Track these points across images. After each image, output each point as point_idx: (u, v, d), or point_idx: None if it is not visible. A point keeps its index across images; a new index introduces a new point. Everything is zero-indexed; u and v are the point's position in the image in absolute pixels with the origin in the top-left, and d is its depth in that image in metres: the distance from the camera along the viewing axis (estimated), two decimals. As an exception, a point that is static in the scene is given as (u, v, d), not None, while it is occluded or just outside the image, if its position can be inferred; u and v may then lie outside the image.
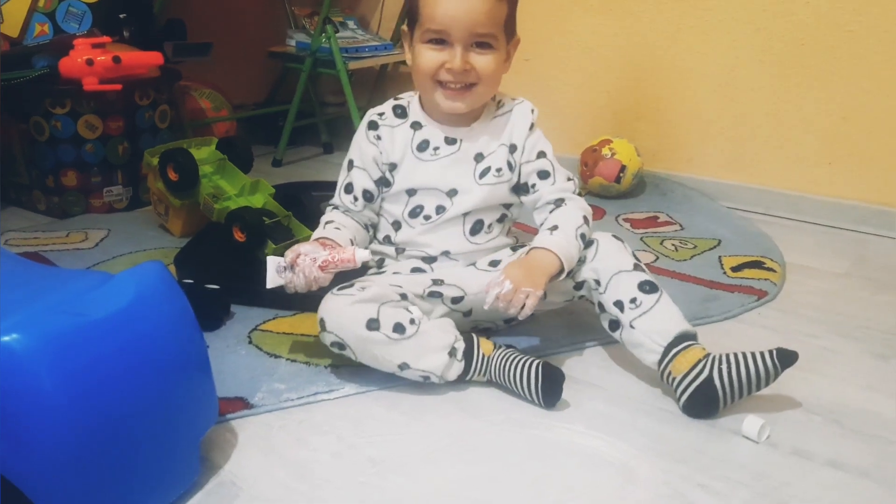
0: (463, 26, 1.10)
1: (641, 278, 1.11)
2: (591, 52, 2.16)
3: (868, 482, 0.94)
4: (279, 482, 0.92)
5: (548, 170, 1.20)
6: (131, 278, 0.82)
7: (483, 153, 1.20)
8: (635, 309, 1.09)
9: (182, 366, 0.85)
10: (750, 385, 1.02)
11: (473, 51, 1.12)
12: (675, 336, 1.06)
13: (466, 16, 1.10)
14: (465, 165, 1.20)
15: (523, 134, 1.20)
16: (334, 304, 1.09)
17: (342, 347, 1.09)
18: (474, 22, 1.10)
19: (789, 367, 1.01)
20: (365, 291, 1.08)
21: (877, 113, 1.78)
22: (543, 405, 1.06)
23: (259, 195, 1.64)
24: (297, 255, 1.09)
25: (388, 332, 1.06)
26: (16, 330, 0.71)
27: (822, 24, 1.80)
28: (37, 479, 0.72)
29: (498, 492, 0.91)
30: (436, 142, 1.20)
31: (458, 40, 1.11)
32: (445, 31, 1.11)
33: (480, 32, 1.11)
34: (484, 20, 1.11)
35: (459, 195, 1.19)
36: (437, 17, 1.10)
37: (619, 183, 1.97)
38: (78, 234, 1.73)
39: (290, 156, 2.41)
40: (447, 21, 1.10)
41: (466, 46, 1.12)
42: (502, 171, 1.20)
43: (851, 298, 1.45)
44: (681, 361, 1.05)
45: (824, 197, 1.88)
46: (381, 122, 1.21)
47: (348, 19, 2.48)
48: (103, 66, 1.74)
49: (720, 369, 1.02)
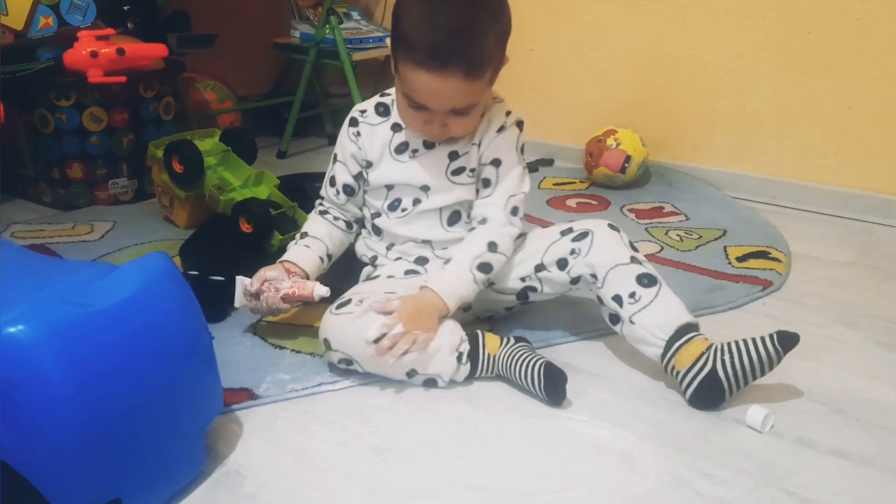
0: (441, 105, 1.08)
1: (639, 271, 1.10)
2: (595, 42, 2.16)
3: (871, 471, 0.94)
4: (284, 472, 0.93)
5: (490, 178, 1.17)
6: (136, 269, 0.82)
7: (458, 151, 1.17)
8: (635, 304, 1.08)
9: (186, 356, 0.86)
10: (754, 371, 1.02)
11: (453, 116, 1.10)
12: (676, 329, 1.06)
13: (447, 99, 1.07)
14: (439, 163, 1.17)
15: (490, 136, 1.16)
16: (336, 324, 1.09)
17: (349, 363, 1.09)
18: (453, 102, 1.08)
19: (792, 350, 1.01)
20: (364, 307, 1.08)
21: (882, 101, 1.77)
22: (549, 404, 1.06)
23: (264, 186, 1.64)
24: (263, 282, 1.16)
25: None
26: (21, 321, 0.71)
27: (827, 13, 1.79)
28: (43, 468, 0.73)
29: (502, 481, 0.92)
30: (414, 145, 1.18)
31: (436, 110, 1.09)
32: (424, 104, 1.08)
33: (460, 108, 1.09)
34: (462, 99, 1.08)
35: (432, 191, 1.18)
36: (415, 92, 1.07)
37: (624, 173, 1.97)
38: (83, 226, 1.74)
39: (295, 147, 2.41)
40: (425, 99, 1.08)
41: (446, 114, 1.09)
42: (476, 170, 1.18)
43: (857, 288, 1.45)
44: (683, 355, 1.05)
45: (830, 186, 1.87)
46: (361, 120, 1.20)
47: (352, 10, 2.48)
48: (107, 59, 1.74)
49: (723, 360, 1.02)
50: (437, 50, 1.02)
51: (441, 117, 1.09)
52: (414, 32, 1.04)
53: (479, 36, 1.04)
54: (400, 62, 1.07)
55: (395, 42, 1.08)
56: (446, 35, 1.02)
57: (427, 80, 1.04)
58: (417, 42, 1.03)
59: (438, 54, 1.02)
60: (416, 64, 1.04)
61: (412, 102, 1.09)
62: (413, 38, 1.04)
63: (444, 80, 1.03)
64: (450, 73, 1.03)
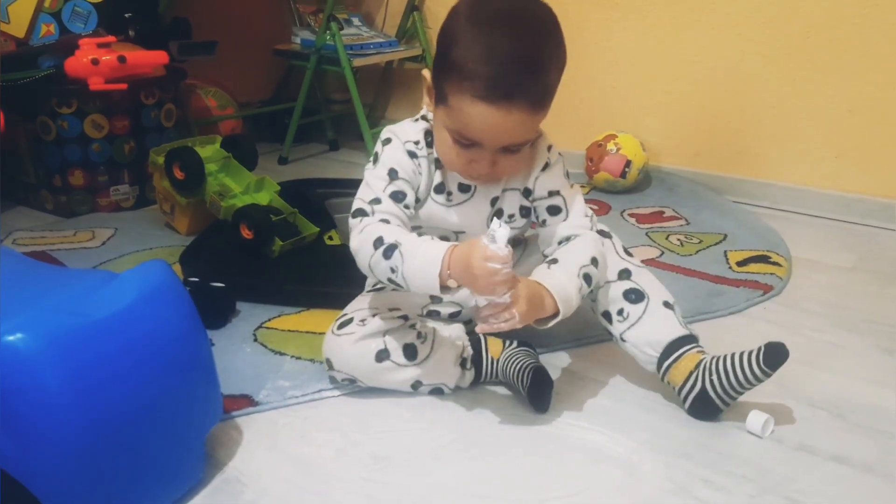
0: (497, 141, 0.98)
1: (626, 287, 1.08)
2: (596, 47, 2.16)
3: (872, 477, 0.93)
4: (284, 479, 0.93)
5: (559, 205, 1.08)
6: (134, 277, 0.82)
7: (498, 196, 1.09)
8: (623, 321, 1.07)
9: (185, 364, 0.86)
10: (743, 387, 1.00)
11: (503, 154, 1.00)
12: (666, 345, 1.05)
13: (505, 135, 0.97)
14: (480, 213, 1.09)
15: (535, 175, 1.08)
16: (338, 345, 1.07)
17: (353, 381, 1.09)
18: (512, 138, 0.98)
19: (782, 364, 0.98)
20: (366, 326, 1.07)
21: (883, 105, 1.77)
22: (534, 410, 1.06)
23: (264, 192, 1.65)
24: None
25: (398, 359, 1.06)
26: (20, 329, 0.71)
27: (827, 17, 1.79)
28: (42, 477, 0.73)
29: (502, 488, 0.91)
30: (450, 186, 1.08)
31: (488, 148, 0.98)
32: (477, 141, 0.98)
33: (514, 144, 0.99)
34: (522, 134, 0.98)
35: (467, 235, 1.09)
36: (469, 127, 0.96)
37: (625, 178, 1.97)
38: (85, 233, 1.74)
39: (297, 153, 2.41)
40: (479, 135, 0.97)
41: (496, 152, 0.99)
42: (515, 217, 1.11)
43: (858, 292, 1.44)
44: (675, 373, 1.04)
45: (831, 190, 1.87)
46: (418, 153, 1.06)
47: (353, 16, 2.48)
48: (109, 66, 1.75)
49: (711, 381, 1.01)
50: (502, 81, 0.92)
51: (491, 155, 0.99)
52: (473, 61, 0.92)
53: (545, 68, 0.94)
54: (452, 94, 0.96)
55: (446, 71, 0.96)
56: (512, 66, 0.92)
57: (487, 115, 0.93)
58: (478, 72, 0.92)
59: (502, 86, 0.92)
60: (475, 96, 0.93)
61: (461, 138, 0.98)
62: (472, 67, 0.92)
63: (507, 114, 0.93)
64: (514, 106, 0.93)
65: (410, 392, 1.09)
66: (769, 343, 0.99)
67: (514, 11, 0.95)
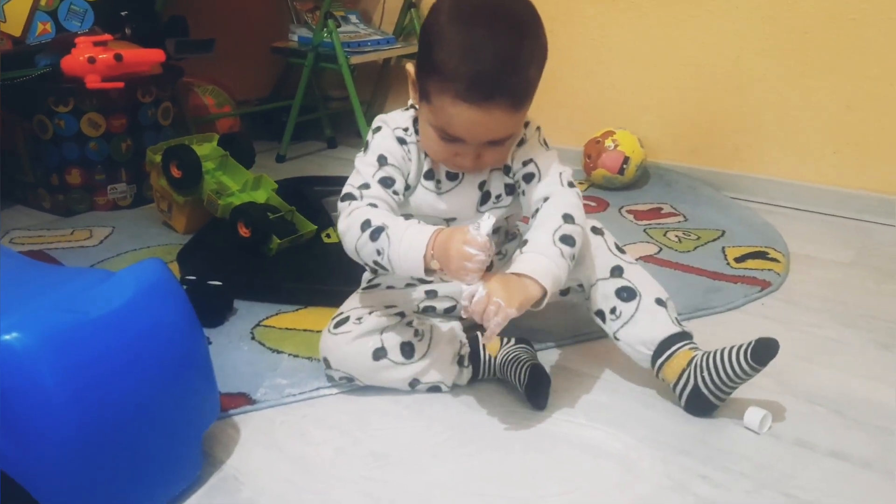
0: (480, 138, 0.99)
1: (618, 285, 1.08)
2: (594, 44, 2.15)
3: (870, 473, 0.93)
4: (282, 477, 0.93)
5: (532, 172, 1.08)
6: (130, 276, 0.82)
7: (485, 180, 1.10)
8: (616, 320, 1.07)
9: (182, 362, 0.86)
10: (734, 382, 1.00)
11: (488, 147, 1.01)
12: (659, 343, 1.05)
13: (487, 132, 0.98)
14: (469, 198, 1.10)
15: (513, 151, 1.09)
16: (334, 344, 1.07)
17: (351, 380, 1.09)
18: (494, 134, 0.99)
19: (772, 359, 0.97)
20: (362, 324, 1.07)
21: (881, 101, 1.77)
22: (531, 407, 1.06)
23: (262, 191, 1.65)
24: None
25: (395, 357, 1.06)
26: (16, 328, 0.71)
27: (826, 13, 1.79)
28: (39, 476, 0.73)
29: (500, 484, 0.92)
30: (438, 174, 1.09)
31: (471, 143, 0.99)
32: (460, 137, 0.99)
33: (497, 139, 1.00)
34: (504, 130, 0.99)
35: (458, 222, 1.10)
36: (451, 125, 0.97)
37: (623, 174, 1.97)
38: (83, 232, 1.74)
39: (294, 151, 2.41)
40: (462, 132, 0.98)
41: (481, 145, 1.00)
42: (501, 196, 1.12)
43: (856, 288, 1.44)
44: (668, 371, 1.04)
45: (829, 186, 1.87)
46: (407, 139, 1.07)
47: (350, 13, 2.48)
48: (105, 64, 1.75)
49: (703, 377, 1.01)
50: (482, 82, 0.92)
51: (475, 149, 1.00)
52: (453, 62, 0.93)
53: (524, 65, 0.94)
54: (434, 93, 0.96)
55: (428, 71, 0.97)
56: (491, 66, 0.92)
57: (469, 114, 0.94)
58: (458, 73, 0.92)
59: (482, 87, 0.92)
60: (456, 97, 0.93)
61: (445, 135, 0.99)
62: (452, 68, 0.93)
63: (488, 113, 0.94)
64: (495, 105, 0.93)
65: (408, 390, 1.09)
66: (759, 338, 0.98)
67: (493, 9, 0.95)
